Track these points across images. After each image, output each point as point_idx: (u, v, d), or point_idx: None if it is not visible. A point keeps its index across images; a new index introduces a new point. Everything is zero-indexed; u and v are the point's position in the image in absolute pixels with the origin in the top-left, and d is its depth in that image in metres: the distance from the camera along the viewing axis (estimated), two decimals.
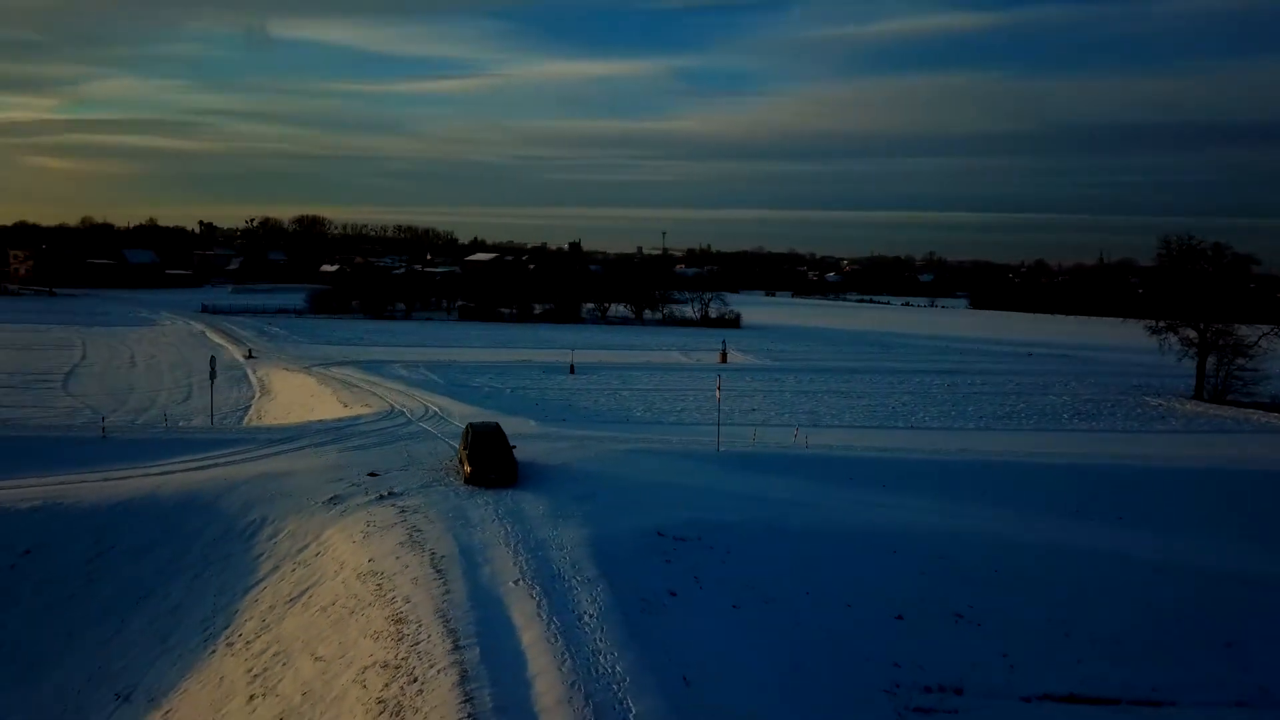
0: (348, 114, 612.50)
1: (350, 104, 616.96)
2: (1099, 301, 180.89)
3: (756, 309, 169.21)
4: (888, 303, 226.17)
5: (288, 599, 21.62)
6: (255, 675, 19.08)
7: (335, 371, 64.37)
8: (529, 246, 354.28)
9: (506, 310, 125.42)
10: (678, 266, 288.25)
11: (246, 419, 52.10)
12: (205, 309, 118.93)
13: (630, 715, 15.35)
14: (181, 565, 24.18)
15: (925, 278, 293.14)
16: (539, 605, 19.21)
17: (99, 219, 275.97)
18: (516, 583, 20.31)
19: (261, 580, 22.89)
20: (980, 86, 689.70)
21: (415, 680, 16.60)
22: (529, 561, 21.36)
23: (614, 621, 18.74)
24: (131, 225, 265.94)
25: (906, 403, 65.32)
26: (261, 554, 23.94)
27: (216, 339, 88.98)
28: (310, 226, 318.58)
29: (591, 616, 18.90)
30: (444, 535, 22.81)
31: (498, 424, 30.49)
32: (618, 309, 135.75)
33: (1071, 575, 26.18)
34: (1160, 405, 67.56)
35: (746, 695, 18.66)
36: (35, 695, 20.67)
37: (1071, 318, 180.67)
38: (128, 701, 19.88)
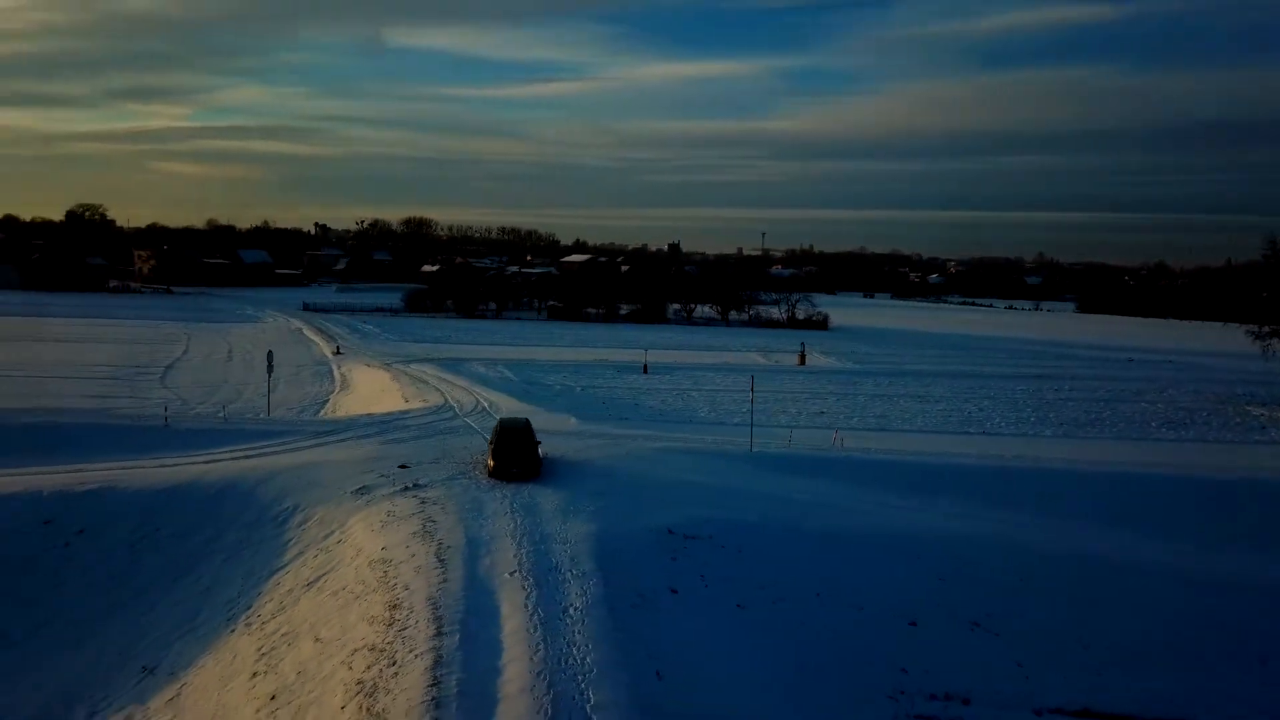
0: (458, 118, 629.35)
1: (461, 108, 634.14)
2: (1221, 306, 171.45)
3: (849, 311, 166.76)
4: (990, 305, 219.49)
5: (305, 583, 22.59)
6: (263, 654, 20.03)
7: (414, 368, 66.34)
8: (629, 248, 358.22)
9: (593, 310, 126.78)
10: (774, 267, 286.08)
11: (322, 411, 54.25)
12: (306, 307, 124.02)
13: (588, 705, 15.60)
14: (217, 548, 25.53)
15: (1033, 280, 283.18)
16: (528, 597, 19.63)
17: (222, 221, 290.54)
18: (512, 574, 20.78)
19: (286, 565, 23.97)
20: (1095, 81, 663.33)
21: (394, 663, 17.22)
22: (529, 554, 21.81)
23: (598, 615, 19.01)
24: (251, 227, 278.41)
25: (985, 408, 63.57)
26: (290, 539, 25.07)
27: (311, 335, 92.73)
28: (418, 228, 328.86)
29: (577, 609, 19.21)
30: (455, 526, 23.48)
31: (527, 420, 31.09)
32: (704, 310, 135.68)
33: (1100, 586, 25.25)
34: (1263, 415, 63.89)
35: (731, 693, 18.66)
36: (74, 663, 22.13)
37: (1189, 323, 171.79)
38: (151, 674, 21.09)
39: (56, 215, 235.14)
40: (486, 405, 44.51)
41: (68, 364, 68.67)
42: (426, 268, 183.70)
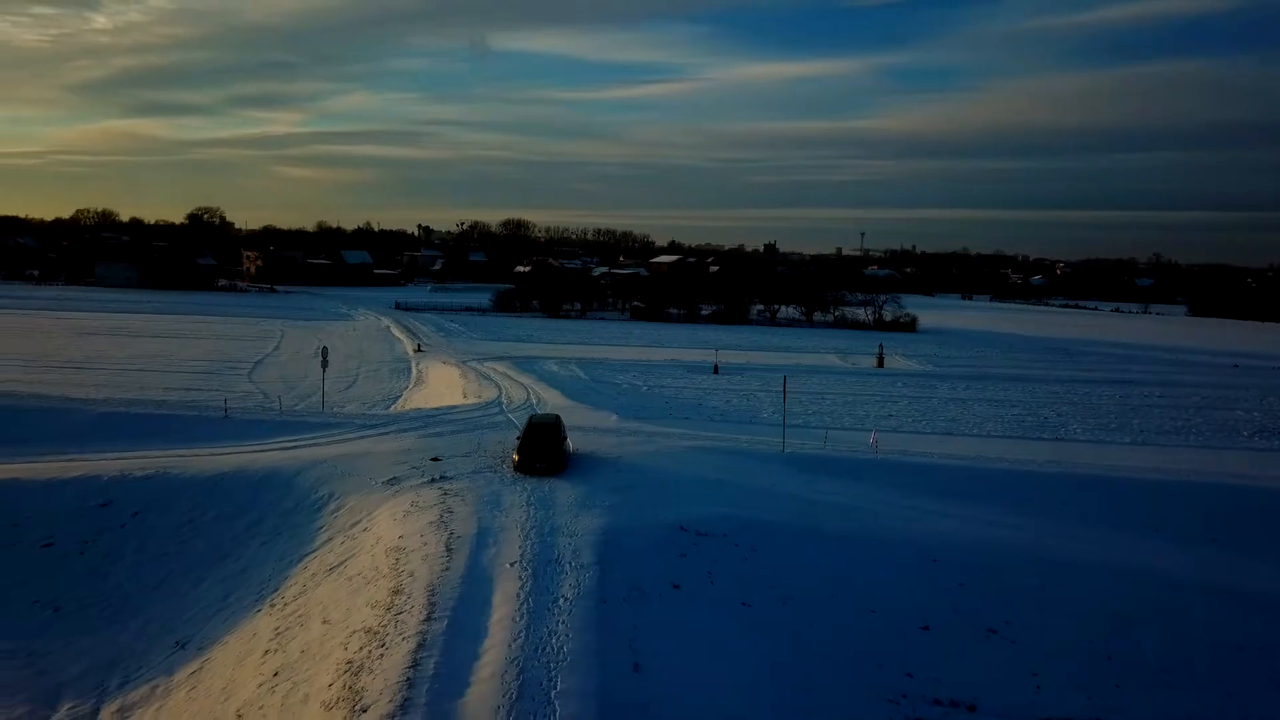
0: (559, 120, 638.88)
1: (561, 111, 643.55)
2: None
3: (942, 313, 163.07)
4: (1095, 308, 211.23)
5: (328, 568, 23.67)
6: (278, 633, 21.13)
7: (487, 366, 67.95)
8: (725, 249, 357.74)
9: (675, 311, 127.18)
10: (870, 268, 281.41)
11: (394, 406, 56.11)
12: (398, 306, 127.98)
13: (553, 691, 16.08)
14: (257, 532, 26.91)
15: (1144, 282, 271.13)
16: (522, 587, 20.20)
17: (332, 223, 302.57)
18: (512, 565, 21.39)
19: (315, 550, 25.13)
20: (1217, 73, 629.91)
21: (383, 645, 18.02)
22: (534, 546, 22.39)
23: (585, 607, 19.45)
24: (355, 228, 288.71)
25: (1064, 413, 61.60)
26: (322, 526, 26.26)
27: (397, 334, 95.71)
28: (515, 229, 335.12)
29: (567, 600, 19.69)
30: (470, 518, 24.23)
31: (558, 417, 31.71)
32: (789, 311, 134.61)
33: (1130, 599, 24.40)
34: None
35: (716, 689, 18.85)
36: (119, 636, 23.69)
37: None
38: (182, 649, 22.46)
39: (178, 218, 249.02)
40: (535, 401, 45.39)
41: (168, 357, 72.72)
42: (519, 269, 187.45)
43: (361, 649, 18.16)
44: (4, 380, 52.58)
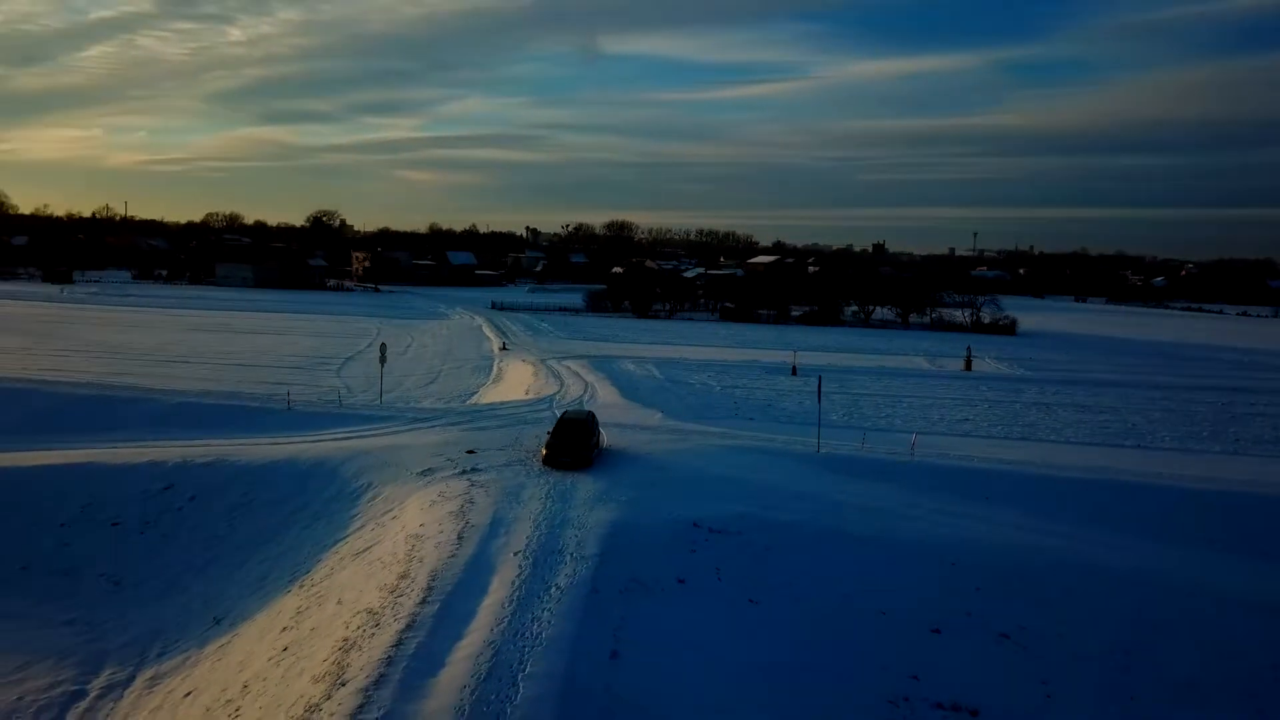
0: (665, 122, 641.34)
1: (668, 112, 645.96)
2: None
3: (1048, 315, 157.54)
4: (1220, 311, 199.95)
5: (355, 553, 24.88)
6: (299, 612, 22.39)
7: (565, 364, 69.25)
8: (834, 249, 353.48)
9: (765, 312, 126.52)
10: (979, 269, 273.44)
11: (469, 401, 57.83)
12: (494, 305, 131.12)
13: (521, 674, 16.69)
14: (300, 517, 28.42)
15: (1276, 284, 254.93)
16: (519, 575, 20.90)
17: (444, 225, 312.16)
18: (516, 554, 22.11)
19: (348, 535, 26.42)
20: None
21: (377, 625, 18.99)
22: (542, 537, 23.07)
23: (576, 596, 20.00)
24: (462, 230, 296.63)
25: (1154, 420, 59.06)
26: (358, 513, 27.56)
27: (487, 332, 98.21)
28: (619, 231, 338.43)
29: (559, 589, 20.28)
30: (488, 508, 25.09)
31: (590, 414, 32.34)
32: (884, 313, 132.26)
33: (1159, 609, 23.53)
34: None
35: (701, 683, 19.14)
36: (166, 610, 25.43)
37: None
38: (218, 624, 23.98)
39: (298, 220, 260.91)
40: (588, 398, 46.16)
41: (268, 353, 76.49)
42: (617, 270, 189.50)
43: (359, 628, 19.16)
44: (111, 372, 56.43)
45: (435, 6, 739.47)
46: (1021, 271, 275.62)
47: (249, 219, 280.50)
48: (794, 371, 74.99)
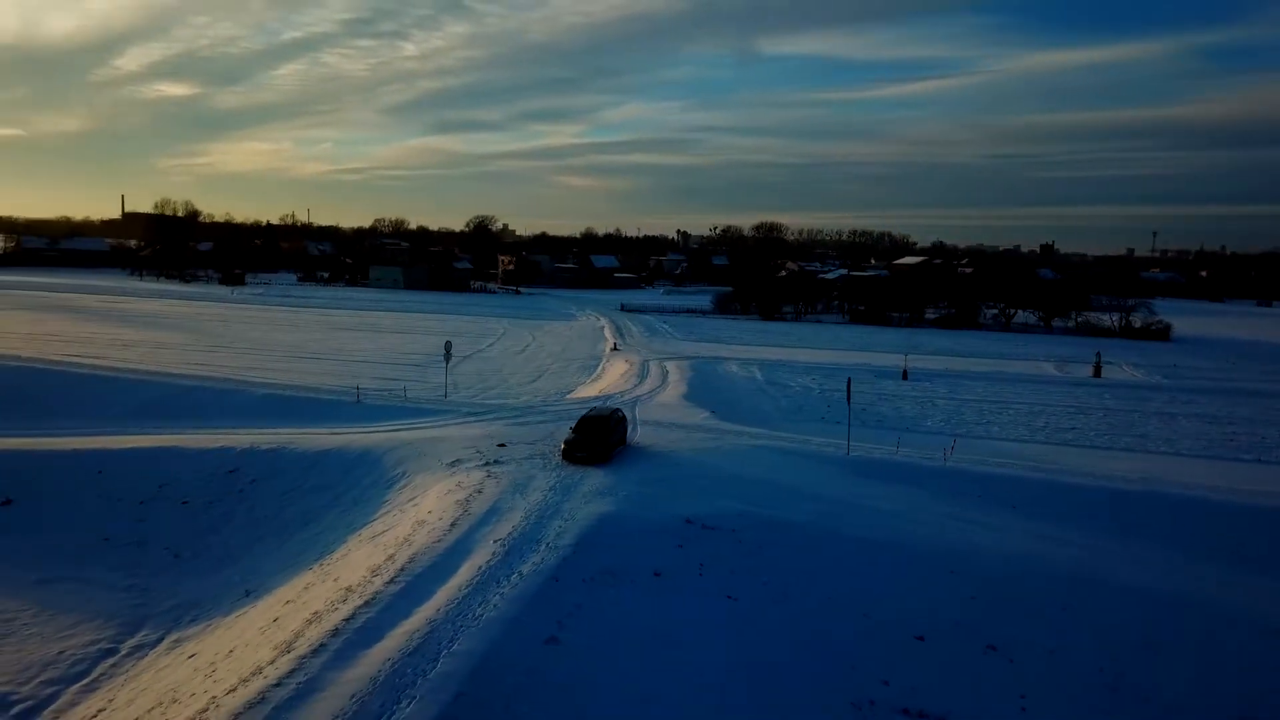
0: (821, 122, 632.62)
1: (825, 112, 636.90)
2: None
3: (1215, 320, 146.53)
4: None
5: (371, 536, 26.61)
6: (306, 588, 24.25)
7: (667, 364, 70.18)
8: (1000, 249, 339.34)
9: (898, 314, 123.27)
10: (1150, 271, 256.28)
11: (568, 397, 59.53)
12: (623, 307, 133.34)
13: (446, 651, 17.67)
14: (340, 502, 30.50)
15: None
16: (490, 561, 21.95)
17: (599, 229, 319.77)
18: (497, 542, 23.16)
19: (374, 519, 28.23)
20: None
21: (344, 601, 20.48)
22: (528, 527, 24.04)
23: (533, 583, 20.86)
24: (606, 233, 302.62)
25: None
26: (387, 499, 29.35)
27: (607, 333, 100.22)
28: (768, 233, 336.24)
29: (520, 576, 21.20)
30: (491, 499, 26.28)
31: (614, 411, 33.02)
32: (1027, 316, 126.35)
33: (1167, 626, 22.23)
34: None
35: (646, 674, 19.60)
36: (210, 581, 27.90)
37: None
38: (246, 596, 26.17)
39: (459, 225, 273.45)
40: (655, 394, 46.77)
41: (392, 351, 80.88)
42: (750, 272, 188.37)
43: (330, 603, 20.69)
44: (245, 366, 61.29)
45: (595, 14, 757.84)
46: (1203, 274, 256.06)
47: (413, 224, 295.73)
48: (904, 375, 73.18)
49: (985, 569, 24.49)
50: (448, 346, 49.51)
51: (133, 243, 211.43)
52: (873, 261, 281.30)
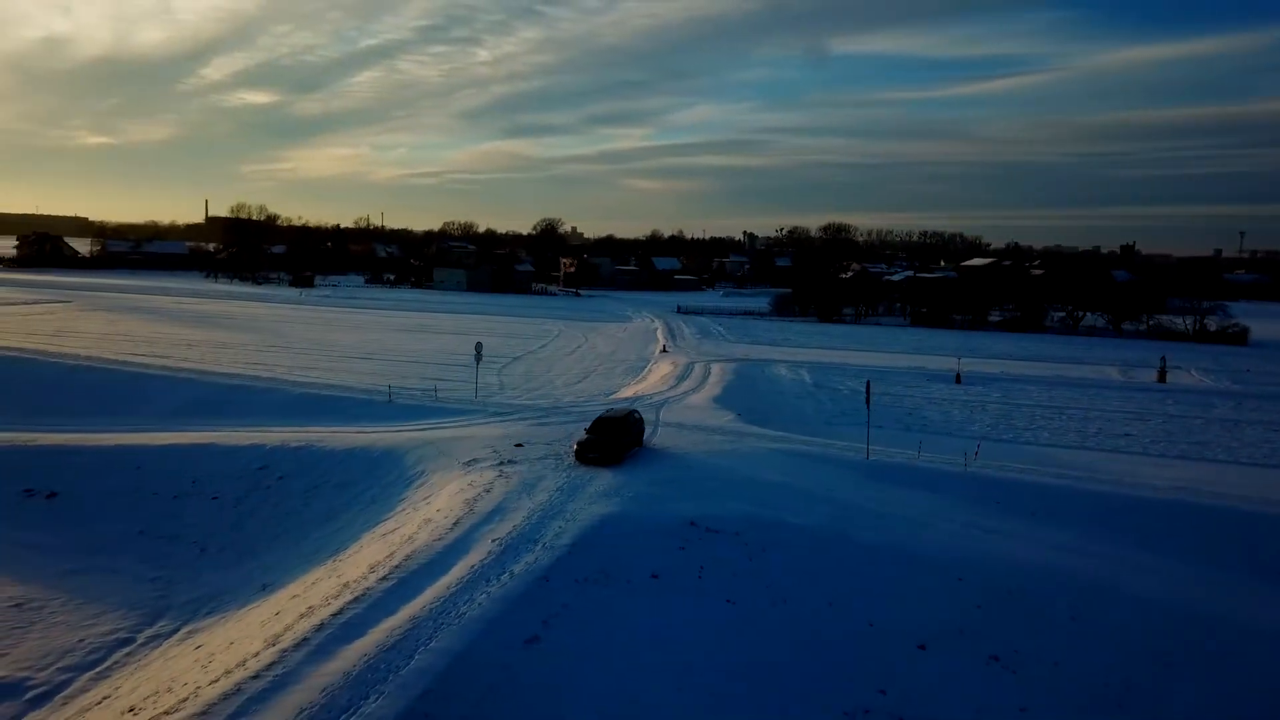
0: (893, 122, 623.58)
1: (897, 111, 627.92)
2: None
3: None
4: None
5: (383, 534, 27.06)
6: (313, 583, 24.77)
7: (713, 365, 69.94)
8: (1079, 250, 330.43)
9: (960, 317, 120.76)
10: (1235, 272, 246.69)
11: (611, 397, 59.71)
12: (679, 309, 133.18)
13: (423, 648, 17.87)
14: (360, 499, 31.05)
15: None
16: (484, 560, 22.13)
17: (663, 231, 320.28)
18: (495, 541, 23.34)
19: (388, 517, 28.69)
20: None
21: (338, 597, 20.84)
22: (528, 527, 24.17)
23: (521, 583, 20.98)
24: (669, 236, 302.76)
25: None
26: (404, 498, 29.80)
27: (659, 335, 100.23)
28: (835, 234, 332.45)
29: (510, 576, 21.35)
30: (498, 498, 26.49)
31: (629, 413, 32.96)
32: (1095, 319, 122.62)
33: (1176, 639, 21.38)
34: None
35: (627, 677, 19.56)
36: (230, 575, 28.65)
37: None
38: (263, 590, 26.80)
39: (526, 228, 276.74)
40: (687, 395, 46.56)
41: (445, 351, 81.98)
42: (829, 274, 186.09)
43: (324, 599, 21.09)
44: (299, 366, 62.80)
45: (665, 16, 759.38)
46: None
47: (481, 227, 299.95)
48: (958, 379, 71.72)
49: (995, 577, 23.84)
50: (478, 348, 50.07)
51: (211, 246, 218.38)
52: (942, 263, 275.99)
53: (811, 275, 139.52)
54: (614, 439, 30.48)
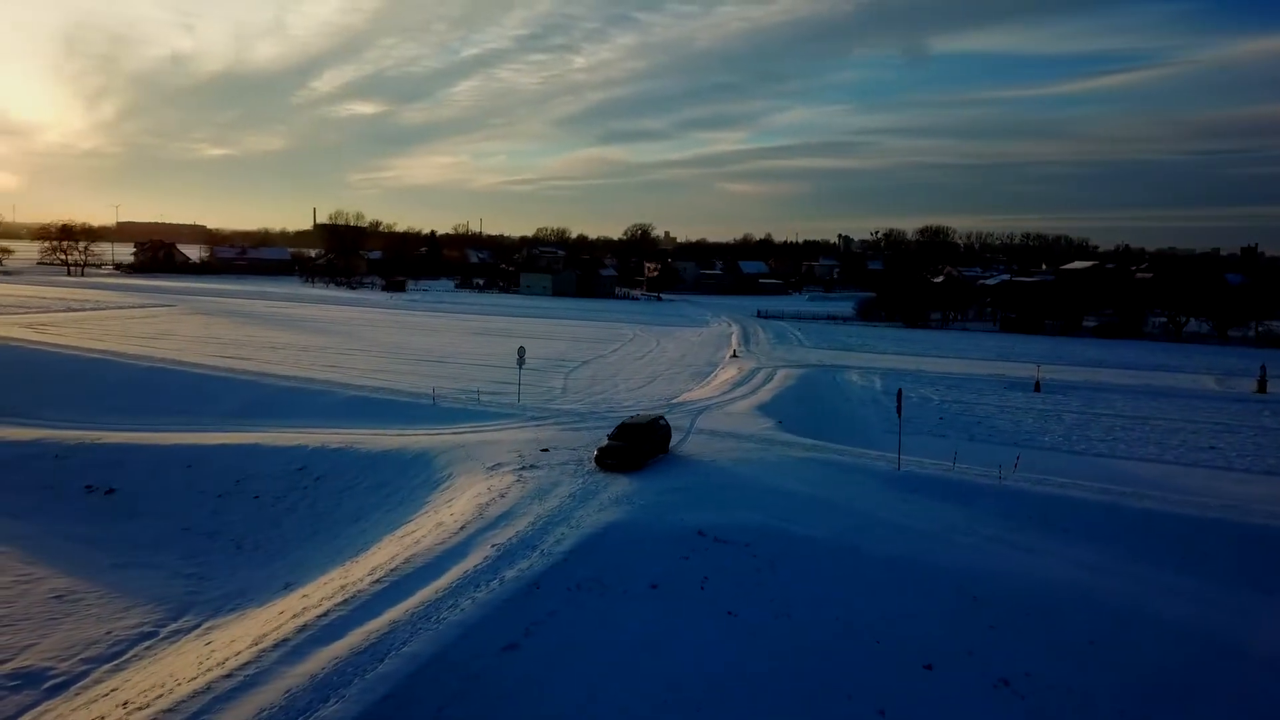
0: (996, 121, 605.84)
1: (1000, 111, 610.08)
2: None
3: None
4: None
5: (401, 536, 27.35)
6: (326, 583, 25.14)
7: (779, 370, 68.90)
8: (1197, 252, 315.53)
9: (1051, 322, 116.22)
10: None
11: (673, 401, 59.41)
12: (759, 314, 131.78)
13: (395, 651, 17.92)
14: (389, 501, 31.50)
15: None
16: (479, 565, 22.15)
17: (758, 235, 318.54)
18: (495, 546, 23.32)
19: (410, 519, 29.00)
20: None
21: (332, 597, 21.12)
22: (530, 533, 24.09)
23: (509, 589, 20.90)
24: (757, 239, 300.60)
25: None
26: (428, 500, 30.09)
27: (734, 339, 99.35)
28: (932, 237, 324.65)
29: (501, 581, 21.28)
30: (510, 503, 26.48)
31: (655, 419, 32.55)
32: (1202, 325, 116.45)
33: (1198, 667, 19.85)
34: None
35: (609, 689, 19.25)
36: (259, 573, 29.39)
37: None
38: (286, 588, 27.39)
39: (617, 233, 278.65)
40: (734, 401, 45.81)
41: (514, 355, 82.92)
42: (922, 277, 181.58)
43: (320, 600, 21.37)
44: (371, 369, 64.33)
45: (761, 19, 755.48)
46: None
47: (574, 233, 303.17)
48: (1037, 387, 69.06)
49: (1013, 596, 22.67)
50: (520, 352, 50.34)
51: (313, 252, 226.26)
52: (1043, 266, 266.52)
53: (899, 279, 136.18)
54: (635, 445, 30.20)
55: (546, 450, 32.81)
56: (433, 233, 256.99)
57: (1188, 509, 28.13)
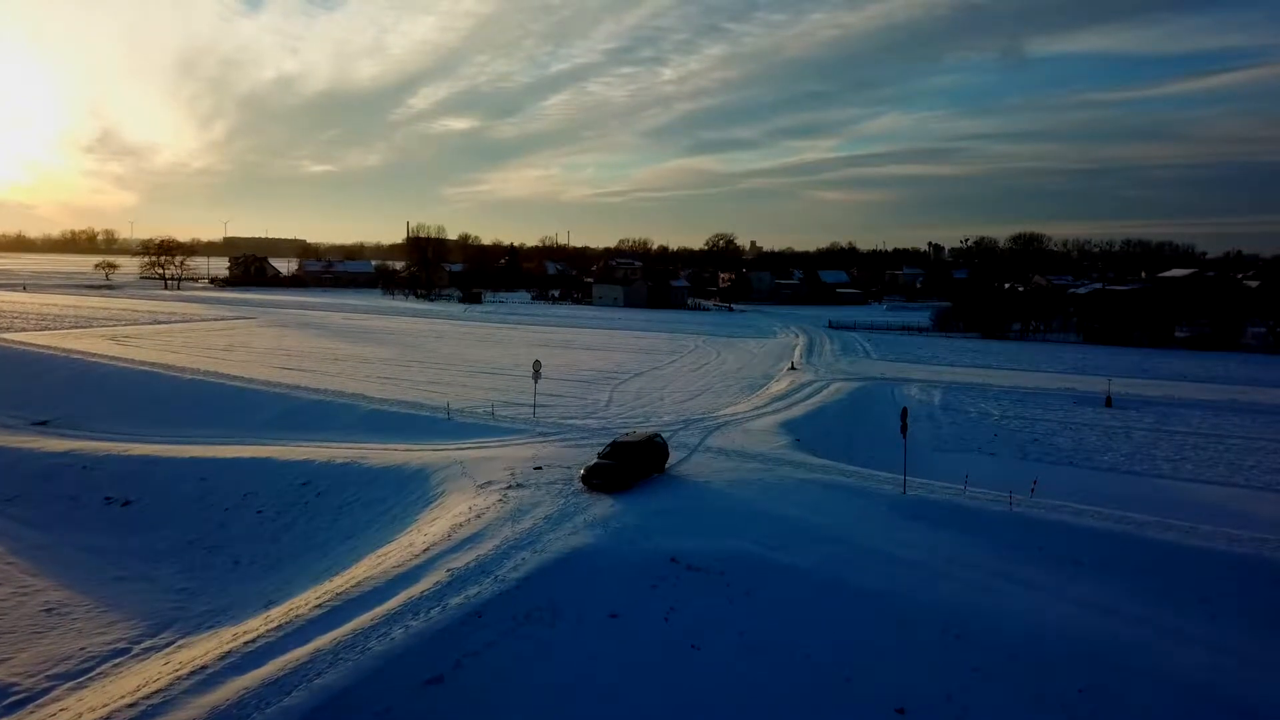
0: (1101, 124, 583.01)
1: (1105, 113, 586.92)
2: None
3: None
4: None
5: (379, 555, 26.79)
6: (291, 606, 24.68)
7: (834, 384, 66.83)
8: None
9: (1141, 333, 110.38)
10: None
11: (714, 415, 58.03)
12: (830, 324, 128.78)
13: (307, 683, 17.20)
14: (383, 518, 31.05)
15: None
16: (427, 590, 21.36)
17: (845, 243, 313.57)
18: (449, 570, 22.55)
19: (394, 539, 28.45)
20: None
21: (270, 621, 20.56)
22: (490, 557, 23.24)
23: (450, 616, 20.09)
24: (839, 248, 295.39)
25: None
26: (417, 517, 29.54)
27: (797, 351, 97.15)
28: (1026, 244, 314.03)
29: (445, 608, 20.45)
30: (483, 524, 25.66)
31: (648, 438, 31.33)
32: None
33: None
34: None
35: (546, 713, 18.17)
36: (249, 590, 29.20)
37: None
38: (265, 607, 27.07)
39: (699, 244, 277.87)
40: (761, 416, 44.11)
41: (572, 367, 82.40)
42: (1001, 286, 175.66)
43: (264, 621, 20.82)
44: (427, 380, 64.65)
45: (853, 26, 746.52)
46: None
47: (658, 244, 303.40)
48: (1108, 402, 65.29)
49: (1002, 637, 20.75)
50: (536, 365, 49.56)
51: (398, 265, 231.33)
52: (1143, 274, 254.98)
53: (978, 287, 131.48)
54: (624, 464, 29.08)
55: (539, 468, 31.93)
56: (512, 245, 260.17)
57: (1216, 541, 25.48)
